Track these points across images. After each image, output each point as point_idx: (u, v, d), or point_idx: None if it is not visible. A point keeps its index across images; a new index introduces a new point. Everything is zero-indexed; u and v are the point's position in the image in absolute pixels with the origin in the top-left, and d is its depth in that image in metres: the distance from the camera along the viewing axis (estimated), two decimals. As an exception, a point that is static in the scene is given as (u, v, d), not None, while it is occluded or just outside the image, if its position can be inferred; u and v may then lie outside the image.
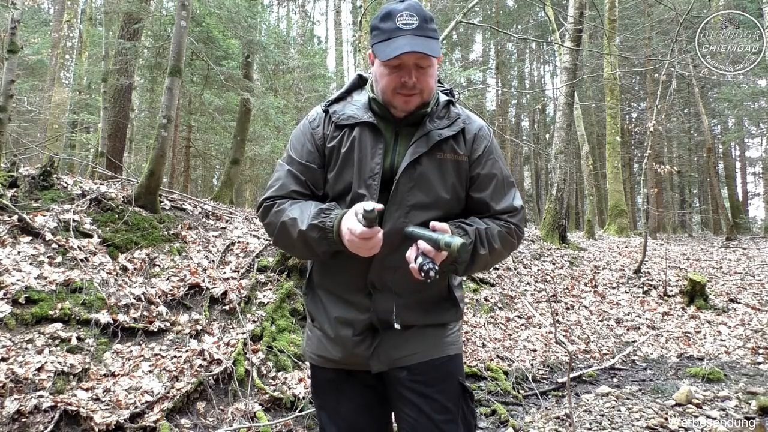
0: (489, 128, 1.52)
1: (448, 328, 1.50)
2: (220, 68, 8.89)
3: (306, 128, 1.49)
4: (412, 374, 1.42)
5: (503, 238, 1.42)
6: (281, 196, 1.44)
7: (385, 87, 1.38)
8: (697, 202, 27.71)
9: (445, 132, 1.41)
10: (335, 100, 1.50)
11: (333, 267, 1.46)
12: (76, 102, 12.58)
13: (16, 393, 2.67)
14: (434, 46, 1.34)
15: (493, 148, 1.48)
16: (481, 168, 1.45)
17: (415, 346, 1.43)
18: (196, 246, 4.71)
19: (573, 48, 9.81)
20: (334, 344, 1.45)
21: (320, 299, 1.49)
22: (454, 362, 1.48)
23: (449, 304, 1.49)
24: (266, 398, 3.29)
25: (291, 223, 1.36)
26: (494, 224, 1.42)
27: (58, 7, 11.78)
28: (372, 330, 1.42)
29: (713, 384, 4.41)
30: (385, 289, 1.40)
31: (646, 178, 9.90)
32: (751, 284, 8.07)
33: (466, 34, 26.18)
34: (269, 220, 1.43)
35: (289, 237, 1.37)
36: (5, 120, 4.64)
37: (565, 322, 5.98)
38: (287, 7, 25.16)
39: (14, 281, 3.33)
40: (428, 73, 1.37)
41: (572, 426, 3.22)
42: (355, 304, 1.42)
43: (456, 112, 1.46)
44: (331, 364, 1.48)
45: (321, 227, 1.32)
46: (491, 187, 1.45)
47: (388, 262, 1.38)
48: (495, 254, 1.41)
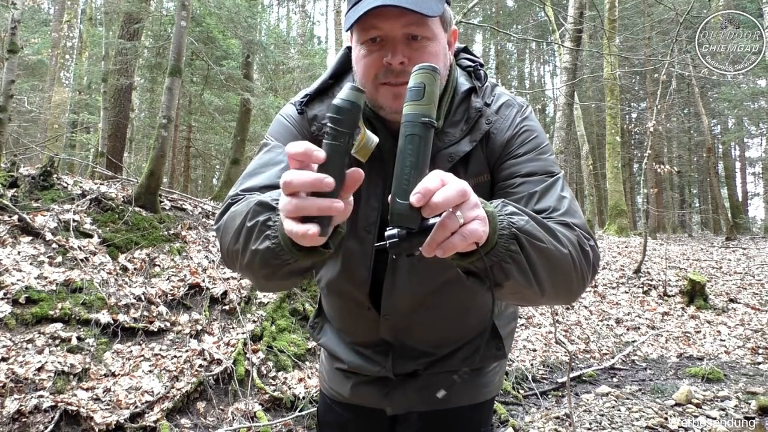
0: (525, 112, 1.01)
1: (485, 369, 1.19)
2: (220, 68, 8.89)
3: (285, 127, 1.06)
4: (424, 422, 1.15)
5: (567, 237, 0.82)
6: (253, 188, 0.94)
7: (363, 76, 0.93)
8: (697, 202, 27.72)
9: (461, 147, 0.96)
10: (317, 94, 1.05)
11: (339, 311, 1.17)
12: (76, 102, 12.58)
13: (17, 393, 2.68)
14: (430, 3, 0.87)
15: (533, 145, 0.97)
16: (510, 182, 0.95)
17: (437, 389, 1.09)
18: (196, 246, 4.71)
19: (573, 48, 9.80)
20: (346, 380, 1.21)
21: (334, 339, 1.21)
22: (480, 410, 1.18)
23: (492, 347, 1.12)
24: (266, 398, 3.30)
25: (240, 210, 0.84)
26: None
27: (58, 7, 11.78)
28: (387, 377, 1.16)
29: (713, 384, 4.41)
30: (404, 347, 1.10)
31: (646, 178, 9.90)
32: (750, 284, 8.07)
33: (466, 34, 26.16)
34: (220, 223, 0.92)
35: (231, 232, 0.85)
36: (5, 120, 4.65)
37: (565, 322, 5.98)
38: (287, 7, 25.19)
39: (14, 281, 3.33)
40: (426, 50, 0.90)
41: (572, 426, 3.22)
42: (370, 359, 1.13)
43: (477, 108, 0.98)
44: (343, 398, 1.24)
45: (272, 206, 0.77)
46: (525, 199, 0.92)
47: (401, 324, 1.07)
48: (568, 245, 0.81)
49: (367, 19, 0.87)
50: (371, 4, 0.85)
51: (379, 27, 0.89)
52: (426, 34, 0.90)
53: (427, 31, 0.90)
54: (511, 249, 0.72)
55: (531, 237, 0.74)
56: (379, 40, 0.90)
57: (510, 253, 0.72)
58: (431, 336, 1.08)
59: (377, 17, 0.87)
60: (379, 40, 0.90)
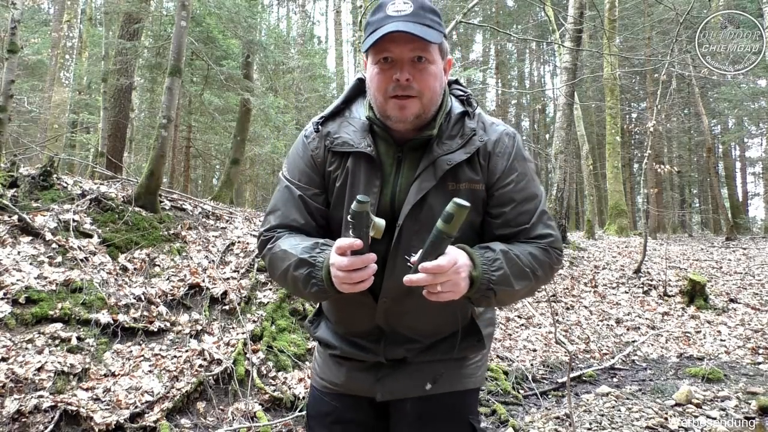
0: (512, 136, 1.25)
1: (467, 360, 1.34)
2: (220, 68, 8.89)
3: (304, 149, 1.29)
4: (414, 407, 1.28)
5: (538, 259, 1.18)
6: (278, 225, 1.26)
7: (376, 91, 1.16)
8: (697, 202, 27.71)
9: (457, 156, 1.17)
10: (331, 116, 1.28)
11: (338, 306, 1.33)
12: (76, 102, 12.58)
13: (16, 393, 2.68)
14: (432, 33, 1.10)
15: (514, 164, 1.22)
16: (500, 192, 1.21)
17: (425, 377, 1.27)
18: (196, 246, 4.71)
19: (573, 48, 9.80)
20: (339, 367, 1.35)
21: (329, 332, 1.37)
22: (467, 399, 1.32)
23: (473, 338, 1.31)
24: (266, 398, 3.29)
25: (282, 256, 1.18)
26: (525, 245, 1.20)
27: (58, 7, 11.78)
28: (380, 363, 1.31)
29: (713, 384, 4.41)
30: (396, 333, 1.27)
31: (646, 178, 9.89)
32: (751, 284, 8.07)
33: (466, 34, 26.20)
34: (265, 254, 1.26)
35: (278, 270, 1.19)
36: (5, 120, 4.65)
37: (565, 322, 5.98)
38: (287, 7, 25.18)
39: (14, 281, 3.33)
40: (428, 70, 1.13)
41: (572, 426, 3.22)
42: (364, 348, 1.29)
43: (471, 127, 1.21)
44: (334, 388, 1.36)
45: (310, 262, 1.12)
46: (512, 213, 1.21)
47: (395, 309, 1.24)
48: (532, 276, 1.17)
49: (382, 44, 1.11)
50: (387, 29, 1.09)
51: (391, 50, 1.12)
52: (428, 58, 1.14)
53: (428, 56, 1.14)
54: (486, 295, 1.12)
55: (502, 285, 1.12)
56: (390, 60, 1.13)
57: (485, 296, 1.12)
58: (419, 324, 1.26)
59: (390, 42, 1.11)
60: (390, 61, 1.13)
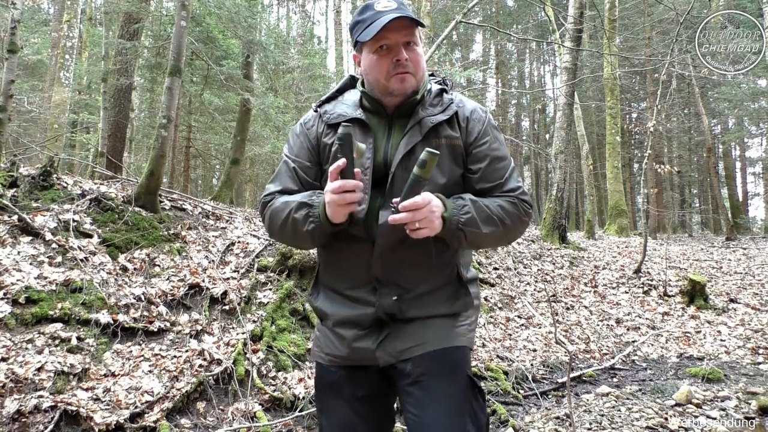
0: (485, 111, 1.50)
1: (459, 318, 1.45)
2: (220, 68, 8.88)
3: (301, 128, 1.52)
4: (415, 366, 1.37)
5: (506, 210, 1.38)
6: (276, 191, 1.47)
7: (378, 73, 1.38)
8: (697, 202, 27.72)
9: (439, 117, 1.40)
10: (326, 100, 1.53)
11: (337, 263, 1.46)
12: (76, 102, 12.58)
13: (16, 393, 2.68)
14: (418, 20, 1.37)
15: (488, 129, 1.46)
16: (477, 150, 1.43)
17: (421, 336, 1.39)
18: (196, 246, 4.71)
19: (573, 48, 9.81)
20: (341, 340, 1.44)
21: (327, 299, 1.49)
22: (461, 354, 1.42)
23: (461, 293, 1.45)
24: (266, 398, 3.29)
25: (282, 207, 1.39)
26: (496, 199, 1.40)
27: (58, 7, 11.78)
28: (379, 323, 1.41)
29: (713, 384, 4.41)
30: (390, 283, 1.39)
31: (646, 178, 9.89)
32: (751, 284, 8.07)
33: (466, 34, 26.20)
34: (266, 213, 1.45)
35: (279, 220, 1.39)
36: (5, 120, 4.65)
37: (565, 322, 5.98)
38: (287, 7, 25.18)
39: (14, 281, 3.33)
40: (417, 51, 1.39)
41: (572, 426, 3.22)
42: (361, 300, 1.41)
43: (449, 98, 1.45)
44: (338, 360, 1.46)
45: (309, 204, 1.34)
46: (488, 170, 1.42)
47: (389, 256, 1.37)
48: (499, 223, 1.36)
49: (381, 33, 1.33)
50: (388, 18, 1.31)
51: (388, 37, 1.35)
52: (415, 41, 1.39)
53: (415, 39, 1.39)
54: (457, 234, 1.32)
55: (470, 227, 1.33)
56: (386, 47, 1.36)
57: (456, 236, 1.33)
58: (411, 273, 1.40)
59: (387, 31, 1.33)
60: (385, 48, 1.37)
